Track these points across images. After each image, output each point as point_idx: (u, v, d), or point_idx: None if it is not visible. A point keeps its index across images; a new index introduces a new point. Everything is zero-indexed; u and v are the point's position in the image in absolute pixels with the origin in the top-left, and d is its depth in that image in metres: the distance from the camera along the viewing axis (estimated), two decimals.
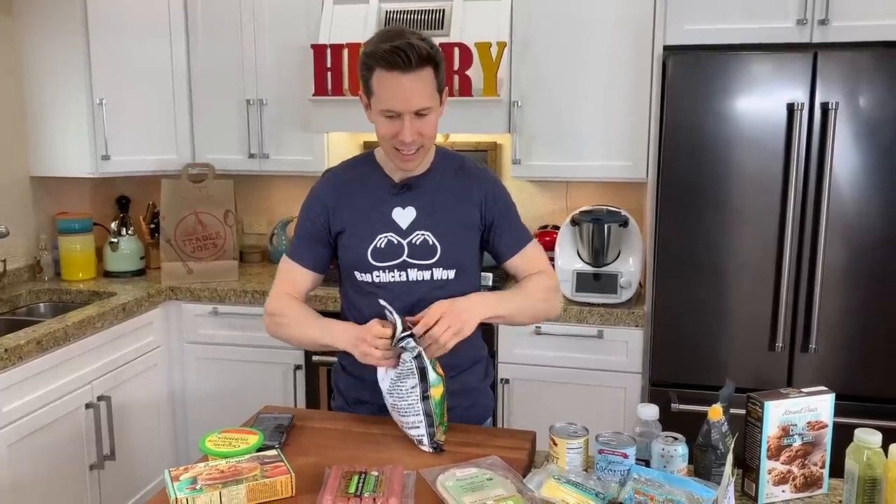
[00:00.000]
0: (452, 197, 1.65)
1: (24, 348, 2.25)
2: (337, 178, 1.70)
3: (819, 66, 2.32)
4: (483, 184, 1.69)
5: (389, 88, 1.49)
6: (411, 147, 1.54)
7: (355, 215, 1.64)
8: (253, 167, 3.19)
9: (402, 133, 1.51)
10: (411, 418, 1.50)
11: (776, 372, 2.48)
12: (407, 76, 1.47)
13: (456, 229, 1.65)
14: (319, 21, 2.95)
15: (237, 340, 2.97)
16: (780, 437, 1.36)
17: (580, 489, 1.30)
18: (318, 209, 1.66)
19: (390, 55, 1.46)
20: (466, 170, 1.69)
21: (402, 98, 1.49)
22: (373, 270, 1.63)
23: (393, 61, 1.46)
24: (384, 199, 1.63)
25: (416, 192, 1.64)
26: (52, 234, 3.14)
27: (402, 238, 1.62)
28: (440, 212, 1.63)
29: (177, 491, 1.28)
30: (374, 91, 1.51)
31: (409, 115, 1.50)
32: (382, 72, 1.48)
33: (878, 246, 2.37)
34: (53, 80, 2.97)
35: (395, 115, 1.50)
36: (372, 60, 1.49)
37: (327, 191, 1.67)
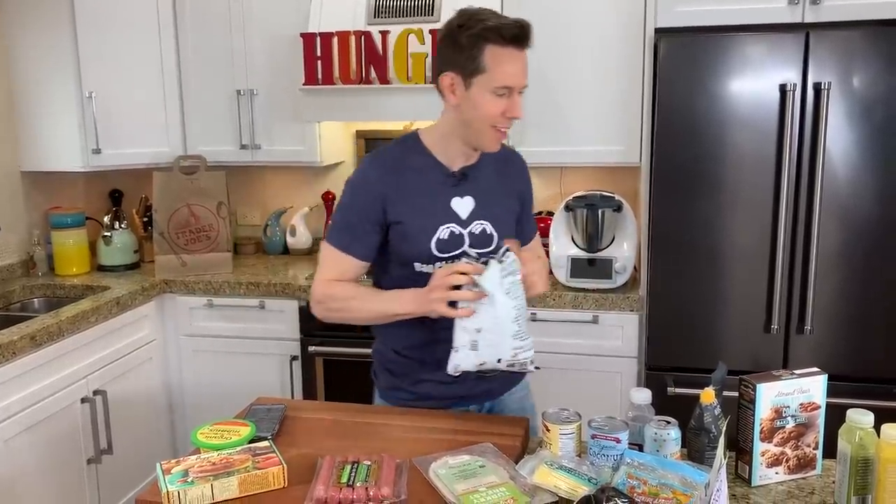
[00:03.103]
0: (501, 185, 1.68)
1: (18, 344, 2.25)
2: (389, 165, 1.62)
3: (811, 45, 2.30)
4: (522, 172, 1.75)
5: (509, 64, 1.48)
6: (509, 124, 1.54)
7: (415, 206, 1.59)
8: (245, 158, 3.18)
9: (513, 109, 1.51)
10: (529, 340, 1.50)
11: (772, 354, 2.48)
12: (522, 53, 1.50)
13: (506, 217, 1.68)
14: (308, 10, 2.93)
15: (232, 332, 2.96)
16: (772, 419, 1.36)
17: (573, 475, 1.29)
18: (372, 198, 1.59)
19: (517, 30, 1.47)
20: (509, 158, 1.73)
21: (520, 73, 1.50)
22: (435, 262, 1.60)
23: (518, 37, 1.47)
24: (442, 190, 1.61)
25: (472, 182, 1.63)
26: (44, 230, 3.13)
27: (462, 228, 1.61)
28: (494, 201, 1.65)
29: (168, 484, 1.28)
30: (488, 67, 1.48)
31: (518, 91, 1.51)
32: (499, 48, 1.47)
33: (873, 226, 2.37)
34: (42, 73, 2.95)
35: (506, 93, 1.50)
36: (493, 34, 1.46)
37: (381, 179, 1.60)
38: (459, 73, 1.51)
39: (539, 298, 2.68)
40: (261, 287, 2.90)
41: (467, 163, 1.63)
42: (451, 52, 1.51)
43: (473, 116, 1.53)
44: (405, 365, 1.71)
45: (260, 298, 2.91)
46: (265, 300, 2.90)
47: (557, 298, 2.67)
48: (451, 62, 1.51)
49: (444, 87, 1.54)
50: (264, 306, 2.91)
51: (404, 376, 1.72)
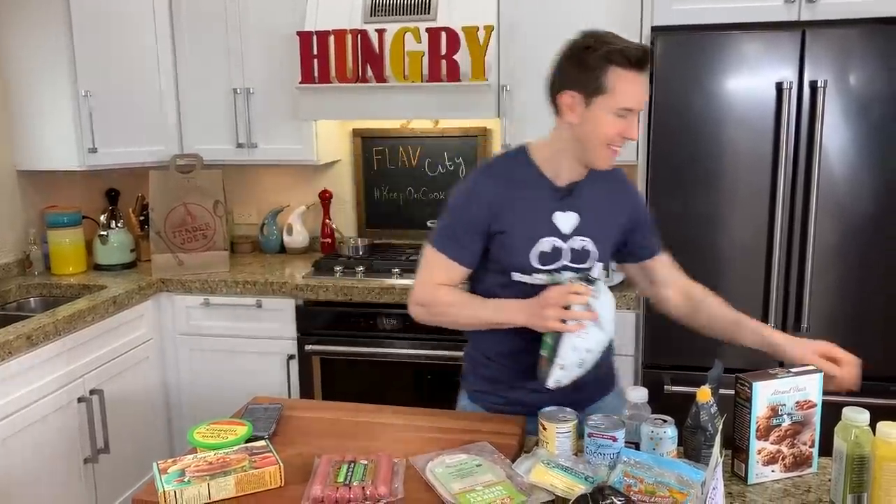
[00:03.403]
0: (606, 203, 1.68)
1: (14, 343, 2.24)
2: (498, 177, 1.65)
3: (807, 44, 2.31)
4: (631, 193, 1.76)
5: (632, 86, 1.51)
6: (624, 144, 1.57)
7: (518, 218, 1.62)
8: (241, 157, 3.17)
9: (630, 131, 1.54)
10: None
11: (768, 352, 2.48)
12: (643, 76, 1.52)
13: (607, 235, 1.70)
14: (305, 8, 2.92)
15: (229, 331, 2.96)
16: (769, 417, 1.36)
17: (569, 473, 1.30)
18: (481, 207, 1.62)
19: (640, 54, 1.49)
20: (616, 177, 1.72)
21: (641, 96, 1.53)
22: (533, 272, 1.63)
23: (641, 60, 1.50)
24: (546, 203, 1.63)
25: (577, 198, 1.65)
26: (40, 229, 3.12)
27: (563, 242, 1.63)
28: (597, 218, 1.66)
29: (164, 484, 1.28)
30: (611, 88, 1.50)
31: (636, 114, 1.54)
32: (623, 70, 1.49)
33: (869, 224, 2.37)
34: (37, 72, 2.94)
35: (626, 114, 1.52)
36: (619, 57, 1.49)
37: (490, 189, 1.63)
38: (581, 93, 1.53)
39: None
40: (258, 286, 2.90)
41: (575, 179, 1.64)
42: (576, 72, 1.53)
43: (591, 135, 1.55)
44: (497, 370, 1.73)
45: (257, 297, 2.91)
46: (262, 299, 2.90)
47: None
48: (574, 81, 1.53)
49: (562, 105, 1.57)
50: (261, 305, 2.91)
51: (497, 382, 1.74)
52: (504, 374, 1.72)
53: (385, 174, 3.38)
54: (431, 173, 3.33)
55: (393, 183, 3.38)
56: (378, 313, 2.82)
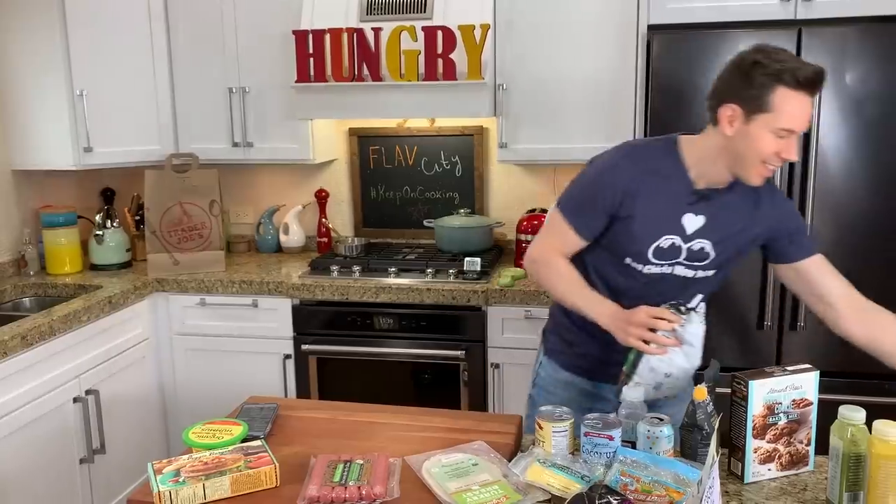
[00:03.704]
0: (740, 213, 1.66)
1: (9, 343, 2.23)
2: (641, 164, 1.65)
3: (804, 42, 2.30)
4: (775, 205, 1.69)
5: (798, 108, 1.48)
6: (780, 164, 1.56)
7: (648, 209, 1.62)
8: (237, 156, 3.17)
9: (788, 152, 1.51)
10: None
11: (765, 350, 2.49)
12: (811, 100, 1.50)
13: (733, 242, 1.68)
14: (300, 7, 2.92)
15: (225, 331, 2.95)
16: (765, 415, 1.36)
17: (565, 472, 1.29)
18: (615, 190, 1.63)
19: (812, 76, 1.47)
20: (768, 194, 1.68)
21: (805, 119, 1.50)
22: (647, 264, 1.65)
23: (812, 82, 1.47)
24: (679, 202, 1.63)
25: (711, 203, 1.64)
26: (36, 228, 3.11)
27: (683, 242, 1.64)
28: (725, 226, 1.65)
29: (159, 484, 1.27)
30: (776, 107, 1.48)
31: (796, 136, 1.52)
32: (790, 91, 1.47)
33: (865, 221, 2.37)
34: (32, 72, 2.93)
35: (786, 134, 1.50)
36: (789, 77, 1.46)
37: (627, 174, 1.64)
38: (742, 107, 1.51)
39: (533, 295, 2.68)
40: (254, 285, 2.89)
41: (715, 185, 1.63)
42: (740, 86, 1.51)
43: (746, 151, 1.53)
44: (576, 334, 1.79)
45: (253, 297, 2.90)
46: (258, 298, 2.90)
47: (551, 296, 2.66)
48: (737, 95, 1.52)
49: (722, 117, 1.55)
50: (257, 305, 2.90)
51: (572, 344, 1.81)
52: (581, 339, 1.77)
53: (381, 173, 3.37)
54: (428, 172, 3.33)
55: (389, 182, 3.37)
56: (375, 313, 2.82)
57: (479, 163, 3.26)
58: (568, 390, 1.81)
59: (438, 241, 3.14)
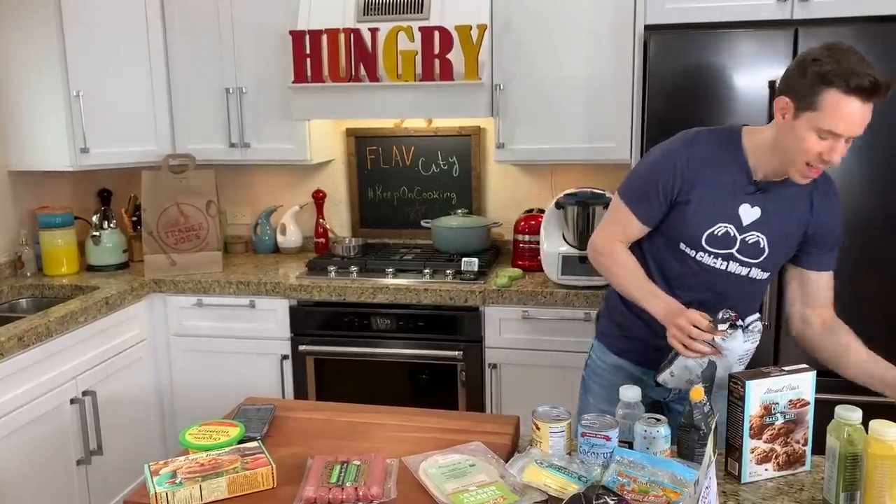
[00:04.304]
0: (795, 208, 1.67)
1: (6, 345, 2.23)
2: (701, 150, 1.67)
3: (800, 42, 2.30)
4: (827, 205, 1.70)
5: (844, 112, 1.47)
6: (825, 167, 1.56)
7: (705, 196, 1.65)
8: (234, 157, 3.16)
9: (831, 155, 1.51)
10: None
11: (763, 350, 2.47)
12: (864, 106, 1.48)
13: (787, 238, 1.68)
14: (297, 7, 2.91)
15: (223, 332, 2.95)
16: (762, 415, 1.36)
17: (562, 473, 1.29)
18: (674, 174, 1.65)
19: (866, 83, 1.45)
20: (817, 185, 1.68)
21: (851, 124, 1.48)
22: (700, 250, 1.68)
23: (865, 90, 1.46)
24: (737, 192, 1.65)
25: (768, 196, 1.65)
26: (32, 229, 3.11)
27: (738, 233, 1.66)
28: (781, 220, 1.66)
29: (156, 485, 1.27)
30: (822, 107, 1.48)
31: (846, 140, 1.51)
32: (840, 94, 1.46)
33: (862, 222, 2.37)
34: (29, 72, 2.92)
35: (830, 137, 1.50)
36: (839, 80, 1.46)
37: (689, 160, 1.66)
38: (794, 101, 1.52)
39: (530, 296, 2.68)
40: (251, 286, 2.89)
41: (772, 177, 1.65)
42: (796, 80, 1.52)
43: (790, 146, 1.55)
44: (627, 317, 1.82)
45: (250, 297, 2.90)
46: (255, 299, 2.89)
47: (549, 296, 2.67)
48: (792, 89, 1.53)
49: (777, 107, 1.57)
50: (254, 305, 2.90)
51: (622, 326, 1.85)
52: (633, 324, 1.80)
53: (378, 174, 3.37)
54: (425, 172, 3.33)
55: (386, 182, 3.37)
56: (372, 313, 2.81)
57: (477, 163, 3.26)
58: (615, 374, 1.84)
59: (436, 241, 3.14)
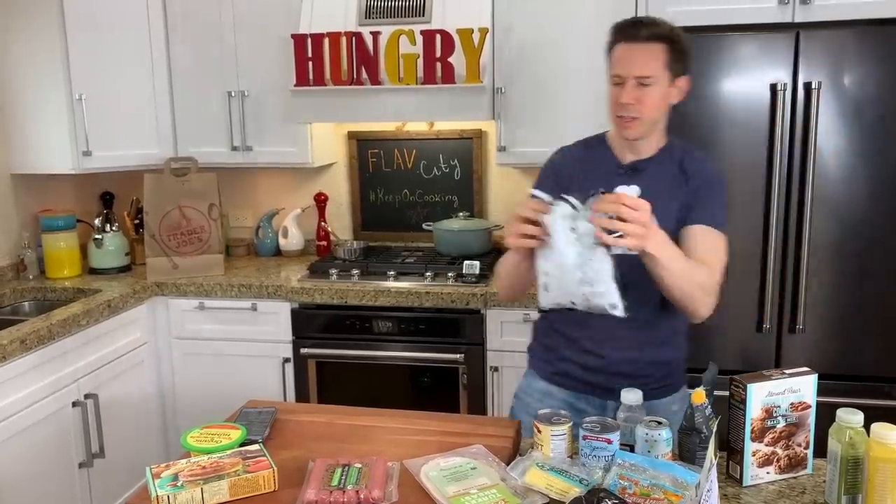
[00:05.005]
0: (670, 184, 1.70)
1: (8, 348, 2.23)
2: (571, 154, 1.81)
3: (801, 45, 2.31)
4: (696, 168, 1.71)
5: (618, 56, 1.63)
6: (630, 112, 1.62)
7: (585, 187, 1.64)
8: (236, 160, 3.17)
9: (620, 95, 1.61)
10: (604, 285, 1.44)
11: (764, 353, 2.49)
12: (635, 45, 1.62)
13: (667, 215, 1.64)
14: (300, 10, 2.92)
15: (224, 335, 2.95)
16: (763, 418, 1.36)
17: (564, 476, 1.29)
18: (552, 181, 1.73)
19: (625, 25, 1.64)
20: (688, 158, 1.73)
21: (626, 64, 1.61)
22: None
23: (624, 30, 1.63)
24: (609, 177, 1.68)
25: (641, 175, 1.68)
26: (35, 232, 3.11)
27: None
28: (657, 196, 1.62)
29: (157, 488, 1.27)
30: (610, 63, 1.65)
31: (632, 80, 1.60)
32: (616, 44, 1.64)
33: (864, 225, 2.37)
34: (32, 76, 2.93)
35: (621, 82, 1.61)
36: (612, 33, 1.65)
37: (561, 165, 1.79)
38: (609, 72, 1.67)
39: (532, 298, 2.68)
40: (253, 289, 2.89)
41: (637, 157, 1.71)
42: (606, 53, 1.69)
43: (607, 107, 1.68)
44: (554, 339, 1.80)
45: (252, 300, 2.90)
46: (257, 302, 2.90)
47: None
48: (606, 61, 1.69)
49: None
50: (256, 308, 2.90)
51: (551, 350, 1.81)
52: (558, 343, 1.78)
53: (380, 176, 3.38)
54: (427, 175, 3.33)
55: (388, 185, 3.38)
56: (374, 316, 2.81)
57: (478, 166, 3.26)
58: (543, 402, 1.77)
59: (437, 244, 3.14)
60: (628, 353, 1.72)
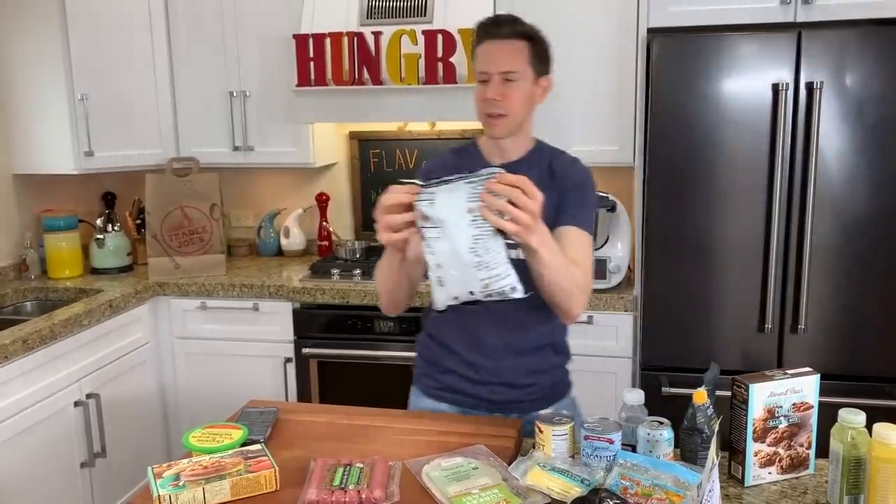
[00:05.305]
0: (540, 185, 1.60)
1: (10, 347, 2.24)
2: (442, 162, 1.78)
3: (803, 45, 2.31)
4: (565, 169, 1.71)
5: (483, 54, 1.64)
6: (497, 108, 1.61)
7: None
8: (238, 160, 3.17)
9: (487, 92, 1.61)
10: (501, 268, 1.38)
11: (766, 353, 2.48)
12: (498, 42, 1.62)
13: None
14: (301, 11, 2.92)
15: (226, 335, 2.95)
16: (765, 419, 1.36)
17: (565, 476, 1.29)
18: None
19: (487, 23, 1.65)
20: (557, 160, 1.72)
21: (491, 60, 1.62)
22: None
23: (487, 29, 1.64)
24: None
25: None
26: (37, 232, 3.12)
27: None
28: None
29: (159, 488, 1.27)
30: (475, 62, 1.65)
31: (498, 76, 1.61)
32: (481, 42, 1.65)
33: (866, 225, 2.37)
34: (33, 76, 2.93)
35: (487, 79, 1.62)
36: (475, 32, 1.66)
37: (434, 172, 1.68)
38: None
39: None
40: (254, 289, 2.89)
41: (506, 160, 1.69)
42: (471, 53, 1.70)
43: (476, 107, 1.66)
44: (435, 352, 1.76)
45: (254, 300, 2.90)
46: (259, 302, 2.90)
47: None
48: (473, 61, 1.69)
49: None
50: (258, 308, 2.90)
51: (433, 364, 1.77)
52: (439, 356, 1.74)
53: (382, 176, 3.38)
54: None
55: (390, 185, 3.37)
56: (375, 316, 2.81)
57: None
58: None
59: None
60: (511, 360, 1.68)
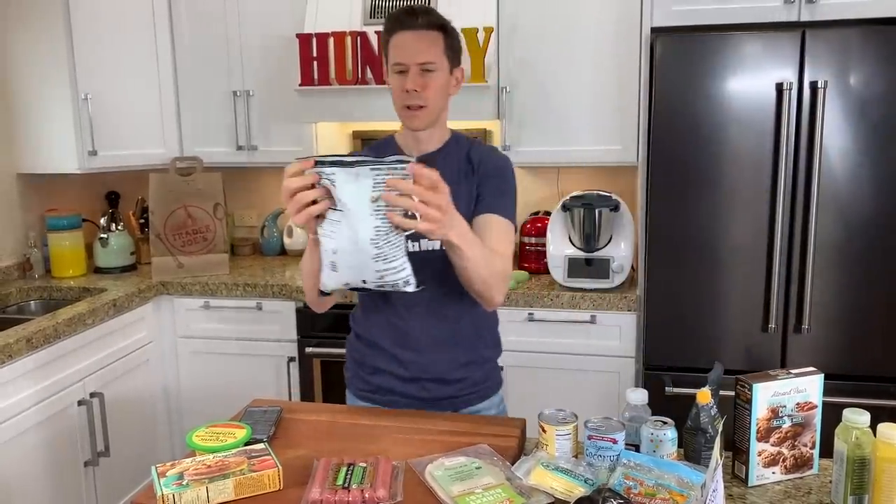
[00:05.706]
0: (458, 175, 1.66)
1: (14, 347, 2.24)
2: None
3: (807, 44, 2.30)
4: (483, 157, 1.70)
5: (398, 45, 1.61)
6: (416, 100, 1.60)
7: None
8: (241, 159, 3.17)
9: (406, 84, 1.59)
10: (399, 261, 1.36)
11: (769, 353, 2.48)
12: (413, 33, 1.60)
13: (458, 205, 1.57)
14: (304, 10, 2.93)
15: (229, 334, 2.96)
16: (769, 418, 1.36)
17: (569, 476, 1.29)
18: None
19: (400, 14, 1.62)
20: (475, 149, 1.72)
21: (407, 51, 1.60)
22: None
23: (401, 19, 1.61)
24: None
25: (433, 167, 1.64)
26: (40, 232, 3.12)
27: None
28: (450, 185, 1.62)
29: (163, 487, 1.27)
30: (389, 53, 1.62)
31: (415, 67, 1.59)
32: (394, 33, 1.62)
33: (870, 224, 2.36)
34: (37, 76, 2.94)
35: (404, 71, 1.60)
36: (387, 24, 1.63)
37: None
38: (386, 66, 1.65)
39: (536, 297, 2.68)
40: (258, 288, 2.89)
41: (424, 151, 1.68)
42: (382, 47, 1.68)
43: (392, 101, 1.65)
44: (363, 352, 1.75)
45: (257, 300, 2.90)
46: (262, 301, 2.90)
47: (555, 298, 2.67)
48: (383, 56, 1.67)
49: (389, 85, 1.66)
50: (261, 308, 2.91)
51: (362, 364, 1.76)
52: (368, 355, 1.73)
53: None
54: None
55: None
56: None
57: None
58: None
59: None
60: (441, 353, 1.68)
